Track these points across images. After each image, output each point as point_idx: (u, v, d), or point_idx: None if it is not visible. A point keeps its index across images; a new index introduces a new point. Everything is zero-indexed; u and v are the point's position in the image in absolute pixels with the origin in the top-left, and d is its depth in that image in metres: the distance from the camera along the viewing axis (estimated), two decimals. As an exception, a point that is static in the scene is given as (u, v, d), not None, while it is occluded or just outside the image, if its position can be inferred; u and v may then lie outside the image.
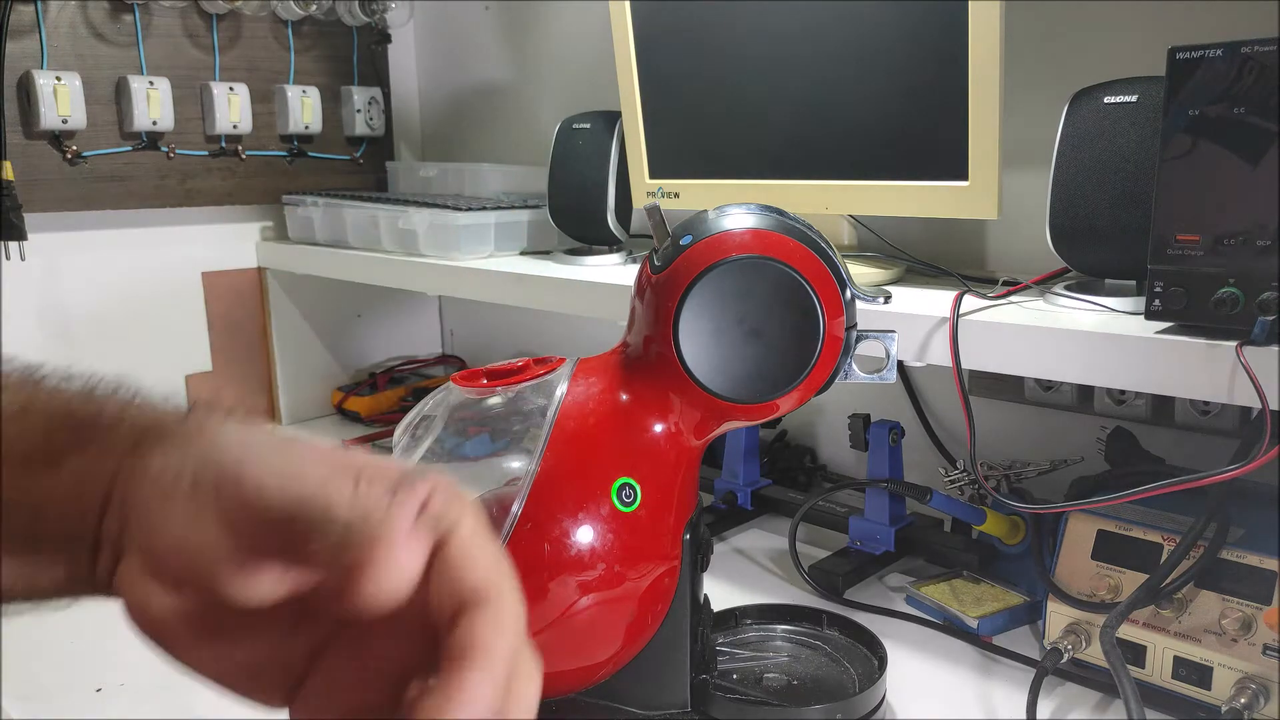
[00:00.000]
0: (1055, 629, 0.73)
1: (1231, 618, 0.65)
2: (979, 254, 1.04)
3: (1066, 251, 0.78)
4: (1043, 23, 0.94)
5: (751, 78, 0.95)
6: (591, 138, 1.13)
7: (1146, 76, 0.74)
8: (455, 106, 1.60)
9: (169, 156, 1.33)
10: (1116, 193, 0.74)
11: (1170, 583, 0.67)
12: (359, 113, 1.51)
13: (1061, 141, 0.77)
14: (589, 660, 0.63)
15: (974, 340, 0.73)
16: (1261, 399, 0.58)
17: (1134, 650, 0.69)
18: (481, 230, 1.18)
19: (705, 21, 0.97)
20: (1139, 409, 0.91)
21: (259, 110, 1.41)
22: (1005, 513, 0.87)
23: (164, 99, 1.29)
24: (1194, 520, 0.67)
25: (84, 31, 1.24)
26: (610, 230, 1.12)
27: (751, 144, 0.98)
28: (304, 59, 1.46)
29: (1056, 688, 0.73)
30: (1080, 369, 0.68)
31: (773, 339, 0.59)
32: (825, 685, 0.70)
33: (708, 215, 0.62)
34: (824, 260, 0.60)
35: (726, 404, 0.61)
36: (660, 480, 0.62)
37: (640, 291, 0.63)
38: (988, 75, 0.79)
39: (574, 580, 0.60)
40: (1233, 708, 0.63)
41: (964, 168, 0.82)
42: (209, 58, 1.35)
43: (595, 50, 1.33)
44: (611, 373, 0.65)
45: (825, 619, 0.77)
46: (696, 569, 0.66)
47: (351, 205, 1.31)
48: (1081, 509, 0.74)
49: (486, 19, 1.51)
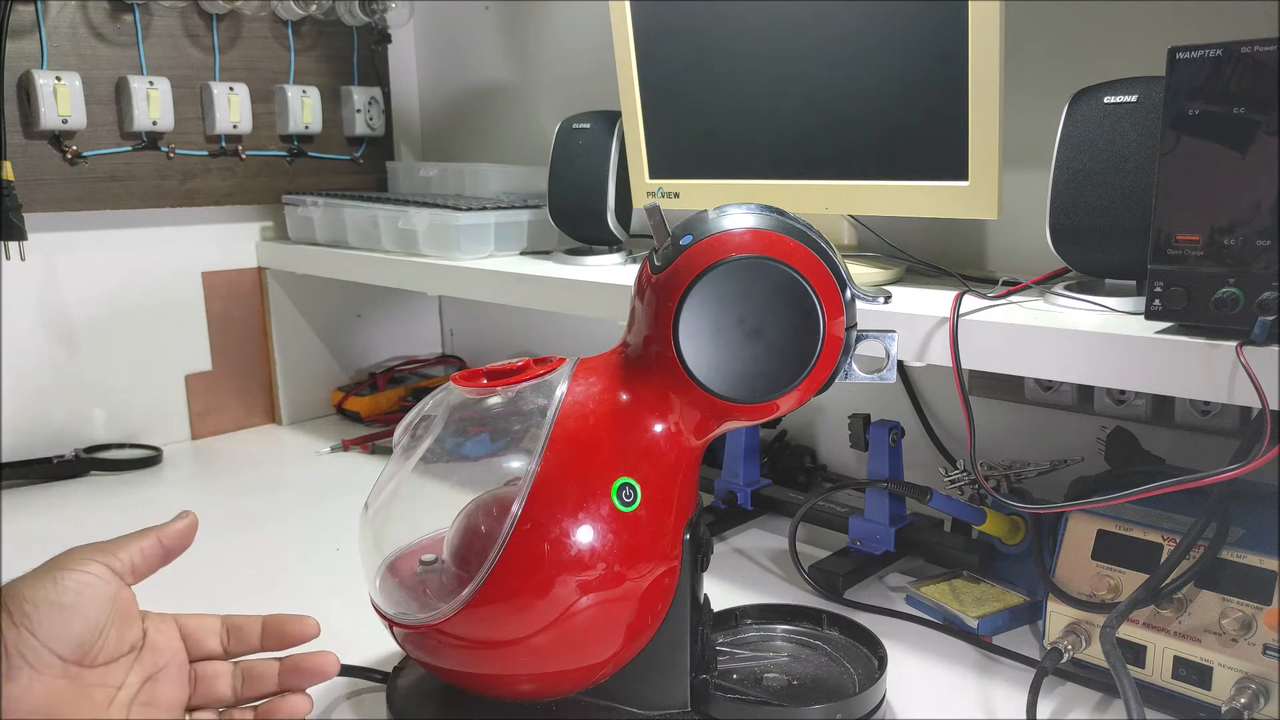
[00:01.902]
0: (1055, 629, 0.73)
1: (1231, 618, 0.65)
2: (979, 254, 1.04)
3: (1066, 251, 0.78)
4: (1043, 23, 0.94)
5: (751, 78, 0.95)
6: (591, 138, 1.13)
7: (1146, 76, 0.74)
8: (455, 106, 1.60)
9: (169, 156, 1.33)
10: (1116, 193, 0.74)
11: (1170, 583, 0.67)
12: (359, 113, 1.52)
13: (1061, 141, 0.77)
14: (589, 660, 0.63)
15: (974, 340, 0.73)
16: (1261, 399, 0.58)
17: (1134, 650, 0.69)
18: (481, 230, 1.18)
19: (705, 21, 0.98)
20: (1139, 409, 0.91)
21: (259, 110, 1.41)
22: (1005, 513, 0.87)
23: (164, 99, 1.29)
24: (1194, 520, 0.67)
25: (84, 31, 1.24)
26: (610, 230, 1.12)
27: (751, 144, 0.98)
28: (304, 59, 1.46)
29: (1056, 688, 0.73)
30: (1080, 369, 0.68)
31: (773, 339, 0.59)
32: (825, 685, 0.70)
33: (708, 215, 0.62)
34: (824, 260, 0.60)
35: (726, 404, 0.61)
36: (660, 480, 0.63)
37: (640, 291, 0.63)
38: (988, 75, 0.79)
39: (574, 580, 0.60)
40: (1233, 708, 0.63)
41: (964, 168, 0.82)
42: (209, 58, 1.35)
43: (595, 50, 1.33)
44: (611, 373, 0.65)
45: (825, 619, 0.77)
46: (696, 569, 0.66)
47: (351, 205, 1.31)
48: (1081, 509, 0.74)
49: (486, 19, 1.51)
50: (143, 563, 0.59)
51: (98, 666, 0.55)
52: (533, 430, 0.64)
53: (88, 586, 0.55)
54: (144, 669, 0.58)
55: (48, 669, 0.52)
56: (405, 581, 0.68)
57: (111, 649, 0.56)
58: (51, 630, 0.53)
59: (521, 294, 1.07)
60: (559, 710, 0.66)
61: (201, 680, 0.62)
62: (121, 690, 0.56)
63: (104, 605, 0.55)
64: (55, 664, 0.53)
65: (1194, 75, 0.61)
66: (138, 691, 0.57)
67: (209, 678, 0.62)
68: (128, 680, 0.57)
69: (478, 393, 0.66)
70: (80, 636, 0.54)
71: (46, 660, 0.52)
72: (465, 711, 0.68)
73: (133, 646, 0.58)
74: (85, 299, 1.29)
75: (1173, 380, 0.63)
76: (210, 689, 0.62)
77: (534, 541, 0.60)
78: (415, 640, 0.64)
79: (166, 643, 0.60)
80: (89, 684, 0.54)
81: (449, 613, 0.61)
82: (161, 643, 0.60)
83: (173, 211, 1.36)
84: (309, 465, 1.31)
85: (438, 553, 0.68)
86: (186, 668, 0.61)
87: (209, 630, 0.63)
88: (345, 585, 0.73)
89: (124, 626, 0.57)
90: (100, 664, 0.55)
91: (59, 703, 0.52)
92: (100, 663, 0.55)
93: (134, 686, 0.57)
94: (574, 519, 0.60)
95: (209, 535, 1.08)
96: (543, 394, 0.65)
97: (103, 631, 0.55)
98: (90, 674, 0.55)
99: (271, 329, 1.47)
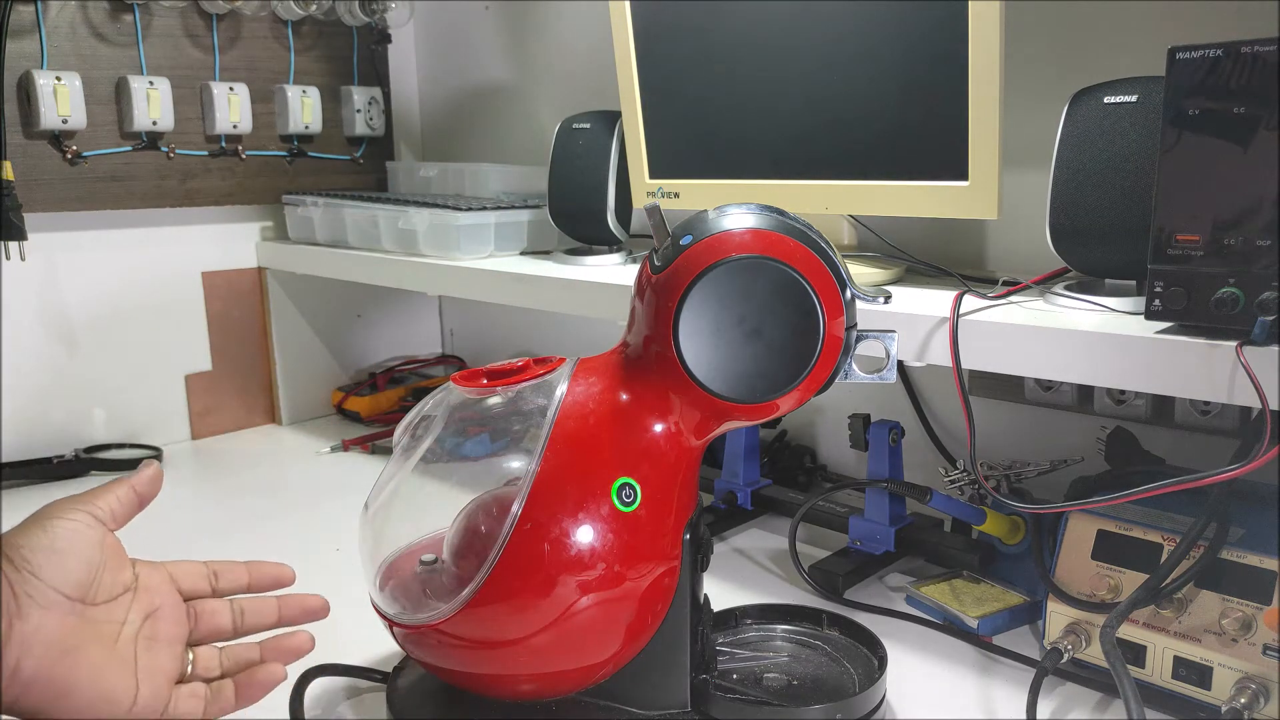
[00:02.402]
0: (1055, 629, 0.73)
1: (1231, 618, 0.65)
2: (979, 254, 1.04)
3: (1066, 251, 0.78)
4: (1043, 23, 0.94)
5: (752, 77, 0.95)
6: (591, 138, 1.13)
7: (1146, 76, 0.74)
8: (455, 106, 1.60)
9: (169, 156, 1.33)
10: (1116, 193, 0.74)
11: (1170, 583, 0.67)
12: (359, 113, 1.52)
13: (1061, 141, 0.77)
14: (589, 660, 0.63)
15: (974, 340, 0.73)
16: (1261, 399, 0.58)
17: (1134, 650, 0.69)
18: (481, 230, 1.18)
19: (705, 21, 0.98)
20: (1139, 409, 0.91)
21: (259, 110, 1.41)
22: (1005, 513, 0.87)
23: (164, 99, 1.29)
24: (1194, 520, 0.67)
25: (84, 31, 1.24)
26: (610, 230, 1.12)
27: (751, 144, 0.98)
28: (304, 59, 1.46)
29: (1056, 688, 0.73)
30: (1080, 369, 0.68)
31: (773, 339, 0.59)
32: (825, 685, 0.70)
33: (708, 215, 0.62)
34: (824, 260, 0.60)
35: (726, 404, 0.61)
36: (660, 480, 0.63)
37: (640, 291, 0.63)
38: (988, 75, 0.79)
39: (574, 580, 0.60)
40: (1233, 708, 0.63)
41: (964, 168, 0.82)
42: (209, 58, 1.35)
43: (595, 50, 1.33)
44: (611, 373, 0.65)
45: (825, 619, 0.77)
46: (696, 569, 0.66)
47: (351, 205, 1.31)
48: (1081, 509, 0.74)
49: (486, 19, 1.51)
50: (121, 509, 0.61)
51: (99, 604, 0.57)
52: (533, 430, 0.64)
53: (76, 532, 0.57)
54: (142, 607, 0.60)
55: (55, 607, 0.55)
56: (405, 581, 0.68)
57: (108, 588, 0.58)
58: (52, 572, 0.55)
59: (521, 294, 1.07)
60: (559, 710, 0.66)
61: (201, 616, 0.64)
62: (125, 626, 0.59)
63: (95, 547, 0.58)
64: (61, 602, 0.55)
65: (1194, 75, 0.61)
66: (140, 627, 0.60)
67: (207, 613, 0.65)
68: (129, 617, 0.59)
69: (478, 393, 0.66)
70: (79, 577, 0.56)
71: (52, 599, 0.55)
72: (465, 711, 0.68)
73: (127, 587, 0.60)
74: (85, 299, 1.29)
75: (1173, 380, 0.63)
76: (210, 623, 0.64)
77: (534, 541, 0.60)
78: (415, 640, 0.64)
79: (159, 584, 0.63)
80: (95, 620, 0.57)
81: (449, 613, 0.61)
82: (154, 584, 0.62)
83: (173, 211, 1.35)
84: (309, 465, 1.31)
85: (438, 553, 0.68)
86: (183, 606, 0.64)
87: (196, 574, 0.66)
88: (345, 585, 0.73)
89: (116, 569, 0.59)
90: (101, 602, 0.58)
91: (71, 637, 0.55)
92: (100, 601, 0.58)
93: (135, 623, 0.59)
94: (574, 519, 0.60)
95: (209, 535, 1.08)
96: (543, 394, 0.65)
97: (98, 572, 0.58)
98: (94, 610, 0.57)
99: (271, 329, 1.47)
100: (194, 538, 1.04)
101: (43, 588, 0.54)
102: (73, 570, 0.56)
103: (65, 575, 0.55)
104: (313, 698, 0.72)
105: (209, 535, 1.06)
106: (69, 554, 0.56)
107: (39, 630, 0.53)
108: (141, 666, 0.58)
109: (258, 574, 0.68)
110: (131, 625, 0.59)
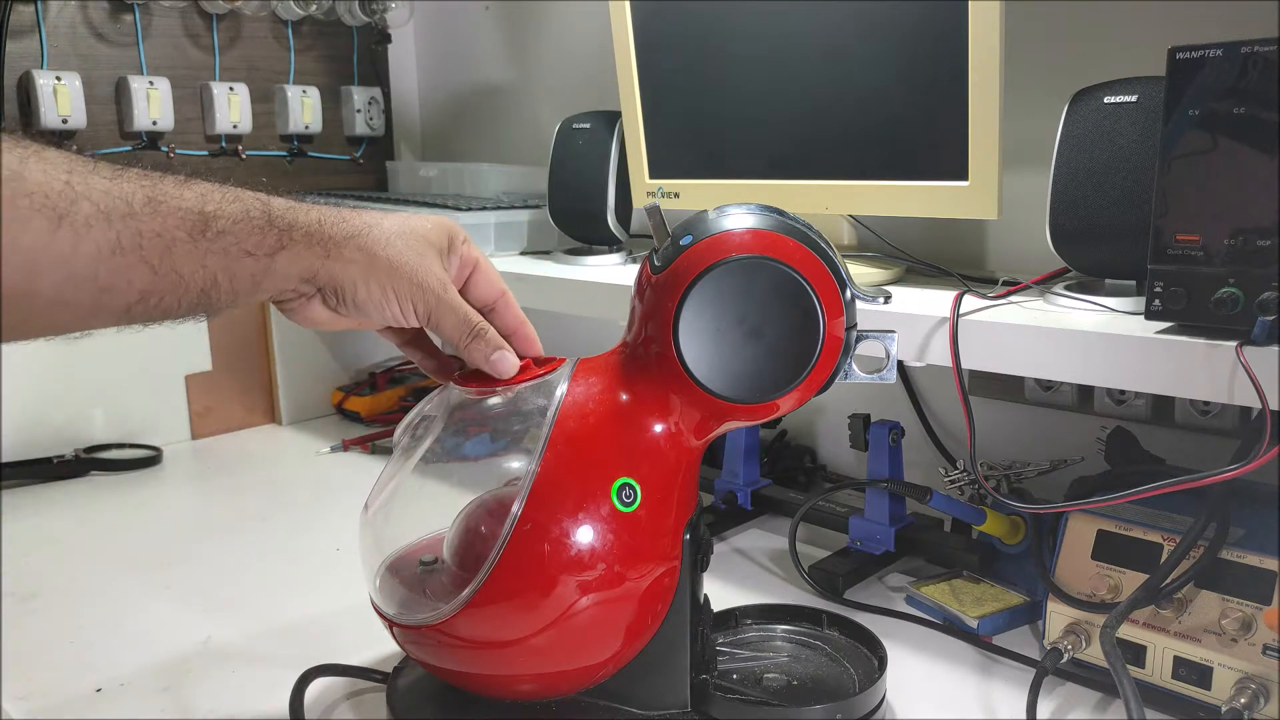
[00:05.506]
0: (1055, 629, 0.73)
1: (1231, 618, 0.65)
2: (979, 254, 1.04)
3: (1066, 251, 0.78)
4: (1043, 23, 0.94)
5: (751, 77, 0.95)
6: (591, 138, 1.13)
7: (1146, 76, 0.74)
8: (455, 106, 1.60)
9: (169, 156, 1.33)
10: (1116, 193, 0.74)
11: (1170, 583, 0.67)
12: (359, 113, 1.52)
13: (1061, 141, 0.77)
14: (589, 660, 0.63)
15: (974, 340, 0.73)
16: (1261, 399, 0.58)
17: (1134, 650, 0.69)
18: (481, 230, 1.19)
19: (705, 21, 0.98)
20: (1139, 409, 0.91)
21: (259, 110, 1.41)
22: (1005, 513, 0.87)
23: (164, 99, 1.29)
24: (1194, 520, 0.67)
25: (84, 31, 1.24)
26: (610, 230, 1.12)
27: (751, 144, 0.98)
28: (304, 59, 1.46)
29: (1056, 688, 0.73)
30: (1080, 369, 0.68)
31: (773, 339, 0.59)
32: (825, 685, 0.70)
33: (708, 215, 0.62)
34: (824, 260, 0.60)
35: (726, 404, 0.61)
36: (660, 480, 0.62)
37: (640, 291, 0.63)
38: (988, 75, 0.79)
39: (574, 580, 0.60)
40: (1233, 708, 0.63)
41: (964, 168, 0.82)
42: (209, 58, 1.35)
43: (595, 50, 1.33)
44: (611, 373, 0.65)
45: (825, 619, 0.77)
46: (696, 569, 0.66)
47: (352, 205, 1.30)
48: (1081, 509, 0.74)
49: (486, 19, 1.51)
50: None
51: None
52: (533, 430, 0.64)
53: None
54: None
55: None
56: (405, 582, 0.68)
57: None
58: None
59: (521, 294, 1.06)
60: (559, 710, 0.66)
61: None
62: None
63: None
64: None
65: (1194, 75, 0.61)
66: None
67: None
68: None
69: (478, 393, 0.66)
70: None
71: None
72: (465, 711, 0.68)
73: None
74: (85, 299, 1.29)
75: (1173, 380, 0.63)
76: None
77: (534, 542, 0.60)
78: (415, 640, 0.64)
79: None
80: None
81: (449, 613, 0.61)
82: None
83: (173, 211, 1.35)
84: (309, 465, 1.31)
85: (438, 553, 0.68)
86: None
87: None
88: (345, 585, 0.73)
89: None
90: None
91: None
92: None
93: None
94: (574, 519, 0.60)
95: (209, 535, 1.08)
96: (543, 394, 0.65)
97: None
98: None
99: (271, 329, 1.47)
100: (194, 538, 1.04)
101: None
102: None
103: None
104: (313, 698, 0.72)
105: (209, 535, 1.06)
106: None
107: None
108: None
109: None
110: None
